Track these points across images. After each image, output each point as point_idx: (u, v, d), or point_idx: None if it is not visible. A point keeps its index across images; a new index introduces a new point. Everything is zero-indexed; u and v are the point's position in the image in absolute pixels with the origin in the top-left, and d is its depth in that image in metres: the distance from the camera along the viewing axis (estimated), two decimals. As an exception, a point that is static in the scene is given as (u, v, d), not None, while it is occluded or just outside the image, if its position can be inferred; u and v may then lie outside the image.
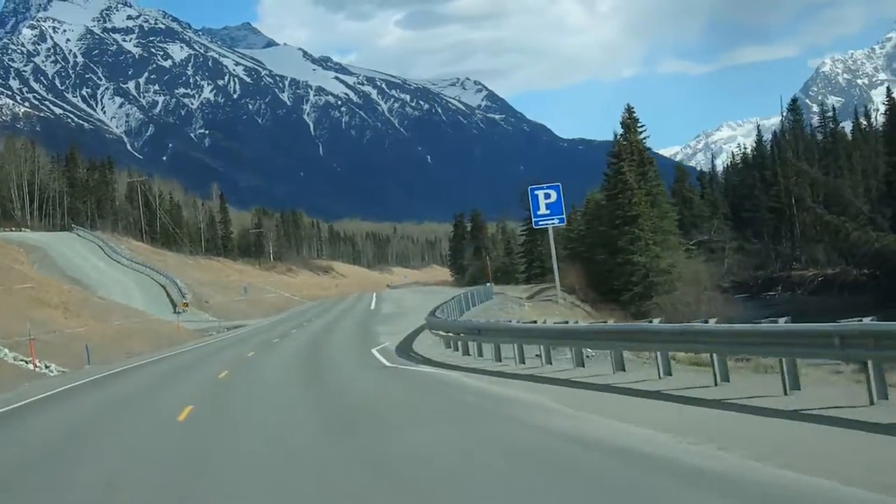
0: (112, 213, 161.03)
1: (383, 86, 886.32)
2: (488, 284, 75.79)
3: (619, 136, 77.32)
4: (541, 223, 51.90)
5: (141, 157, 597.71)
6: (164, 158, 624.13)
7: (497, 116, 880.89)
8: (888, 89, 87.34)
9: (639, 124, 79.28)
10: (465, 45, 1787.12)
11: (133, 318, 74.58)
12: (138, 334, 64.34)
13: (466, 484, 10.16)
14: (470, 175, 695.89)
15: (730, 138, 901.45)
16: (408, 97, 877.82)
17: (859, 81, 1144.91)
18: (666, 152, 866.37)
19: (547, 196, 50.71)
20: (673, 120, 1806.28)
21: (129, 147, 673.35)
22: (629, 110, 77.88)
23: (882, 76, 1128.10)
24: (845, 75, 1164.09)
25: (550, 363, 23.80)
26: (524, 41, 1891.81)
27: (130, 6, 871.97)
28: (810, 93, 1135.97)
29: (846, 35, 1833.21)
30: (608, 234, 72.94)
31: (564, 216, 52.84)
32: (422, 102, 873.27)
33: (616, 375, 19.93)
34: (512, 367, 24.44)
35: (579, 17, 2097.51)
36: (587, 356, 23.29)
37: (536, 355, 24.80)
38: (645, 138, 79.52)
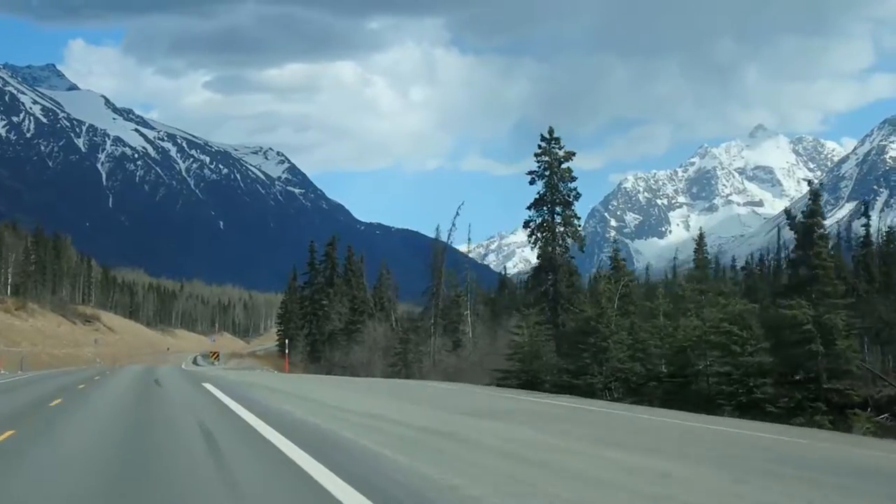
0: None
1: (184, 144, 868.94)
2: None
3: None
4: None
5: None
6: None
7: (297, 190, 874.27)
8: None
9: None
10: (271, 116, 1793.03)
11: None
12: None
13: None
14: (261, 246, 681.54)
15: (523, 242, 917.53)
16: (207, 159, 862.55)
17: (659, 202, 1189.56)
18: (460, 248, 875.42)
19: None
20: (470, 217, 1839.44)
21: None
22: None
23: (681, 199, 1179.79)
24: (646, 193, 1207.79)
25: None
26: (332, 119, 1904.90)
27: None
28: (610, 206, 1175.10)
29: (650, 154, 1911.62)
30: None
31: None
32: (221, 166, 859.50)
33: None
34: None
35: (391, 102, 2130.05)
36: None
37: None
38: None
